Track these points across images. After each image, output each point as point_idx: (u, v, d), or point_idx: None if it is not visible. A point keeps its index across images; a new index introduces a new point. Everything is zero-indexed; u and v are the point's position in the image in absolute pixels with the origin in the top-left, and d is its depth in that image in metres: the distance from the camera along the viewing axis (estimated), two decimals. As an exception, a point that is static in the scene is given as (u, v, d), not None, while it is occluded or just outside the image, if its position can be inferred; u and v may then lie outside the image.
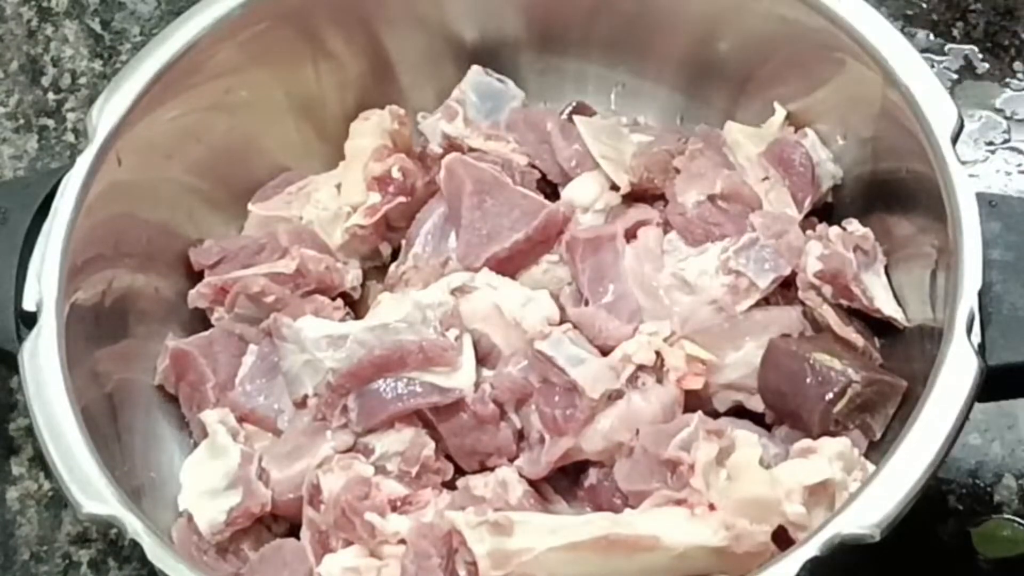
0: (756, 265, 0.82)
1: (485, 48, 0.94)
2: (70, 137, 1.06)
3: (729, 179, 0.86)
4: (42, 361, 0.78)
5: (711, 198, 0.86)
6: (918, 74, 0.79)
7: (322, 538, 0.78)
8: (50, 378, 0.78)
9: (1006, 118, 0.98)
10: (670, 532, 0.72)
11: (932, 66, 0.92)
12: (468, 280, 0.83)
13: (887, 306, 0.81)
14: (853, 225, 0.83)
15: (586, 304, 0.82)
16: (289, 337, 0.82)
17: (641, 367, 0.79)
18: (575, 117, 0.90)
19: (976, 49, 1.01)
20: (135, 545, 0.73)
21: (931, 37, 1.02)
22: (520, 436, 0.80)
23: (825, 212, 0.87)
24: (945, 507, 0.86)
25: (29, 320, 0.80)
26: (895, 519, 0.68)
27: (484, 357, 0.82)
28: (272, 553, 0.80)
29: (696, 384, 0.80)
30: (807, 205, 0.85)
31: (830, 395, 0.76)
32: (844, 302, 0.81)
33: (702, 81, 0.91)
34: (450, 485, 0.81)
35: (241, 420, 0.83)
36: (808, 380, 0.77)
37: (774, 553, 0.72)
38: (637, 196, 0.87)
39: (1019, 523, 0.85)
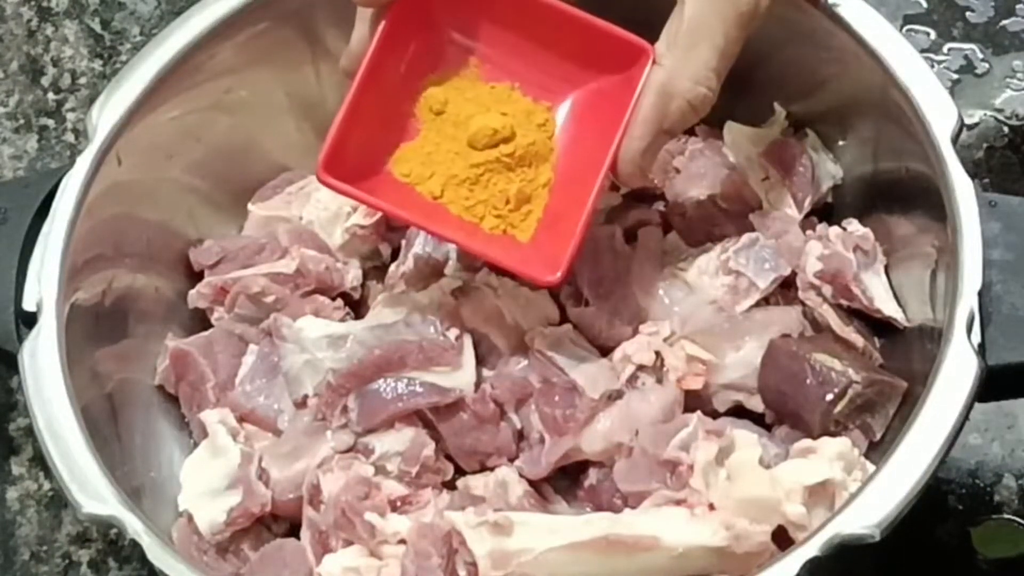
0: (756, 265, 0.82)
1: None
2: (70, 137, 1.06)
3: (729, 179, 0.86)
4: (42, 361, 0.78)
5: (711, 198, 0.86)
6: (918, 74, 0.79)
7: (322, 538, 0.78)
8: (50, 378, 0.78)
9: (1006, 118, 0.98)
10: (670, 532, 0.72)
11: (932, 66, 0.92)
12: (468, 280, 0.83)
13: (887, 306, 0.81)
14: (853, 225, 0.83)
15: (586, 304, 0.82)
16: (289, 337, 0.82)
17: (641, 367, 0.79)
18: (575, 117, 0.90)
19: (976, 49, 1.01)
20: (135, 545, 0.73)
21: (931, 37, 1.02)
22: (520, 436, 0.80)
23: (825, 212, 0.87)
24: (945, 507, 0.86)
25: (29, 320, 0.80)
26: (895, 519, 0.68)
27: (484, 357, 0.82)
28: (272, 553, 0.80)
29: (696, 384, 0.80)
30: (807, 205, 0.85)
31: (830, 395, 0.76)
32: (844, 302, 0.81)
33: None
34: (450, 485, 0.81)
35: (241, 420, 0.83)
36: (808, 380, 0.77)
37: (774, 553, 0.72)
38: (637, 196, 0.87)
39: (1019, 523, 0.85)
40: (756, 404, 0.80)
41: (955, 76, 1.00)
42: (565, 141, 0.80)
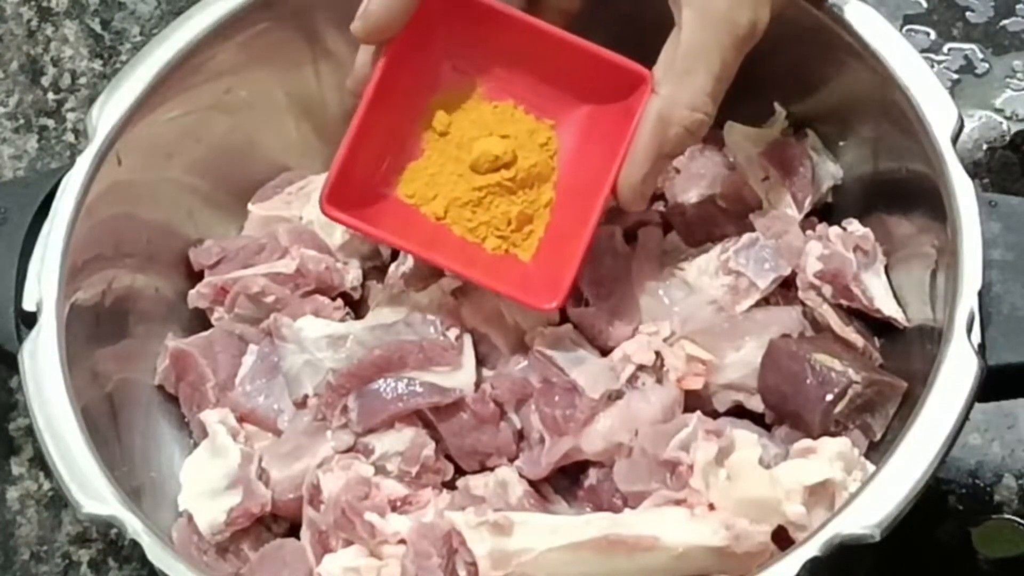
0: (756, 265, 0.82)
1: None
2: (70, 137, 1.06)
3: (729, 179, 0.86)
4: (42, 361, 0.78)
5: (711, 198, 0.86)
6: (918, 74, 0.79)
7: (322, 538, 0.78)
8: (50, 378, 0.78)
9: (1006, 118, 0.98)
10: (670, 532, 0.72)
11: (932, 66, 0.92)
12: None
13: (887, 306, 0.81)
14: (853, 225, 0.83)
15: (586, 304, 0.82)
16: (289, 337, 0.82)
17: (641, 367, 0.79)
18: (575, 117, 0.90)
19: (976, 49, 1.01)
20: (135, 545, 0.73)
21: (931, 37, 1.02)
22: (520, 436, 0.80)
23: (825, 212, 0.87)
24: (945, 507, 0.86)
25: (29, 320, 0.80)
26: (895, 519, 0.68)
27: (484, 357, 0.82)
28: (272, 553, 0.80)
29: (696, 384, 0.80)
30: (807, 205, 0.85)
31: (830, 396, 0.76)
32: (844, 302, 0.81)
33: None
34: (450, 485, 0.81)
35: (241, 420, 0.83)
36: (808, 381, 0.77)
37: (774, 553, 0.72)
38: (637, 196, 0.87)
39: (1019, 523, 0.85)
40: (756, 404, 0.80)
41: (955, 76, 1.00)
42: (566, 161, 0.81)
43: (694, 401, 0.80)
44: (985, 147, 0.97)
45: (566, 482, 0.81)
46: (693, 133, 0.77)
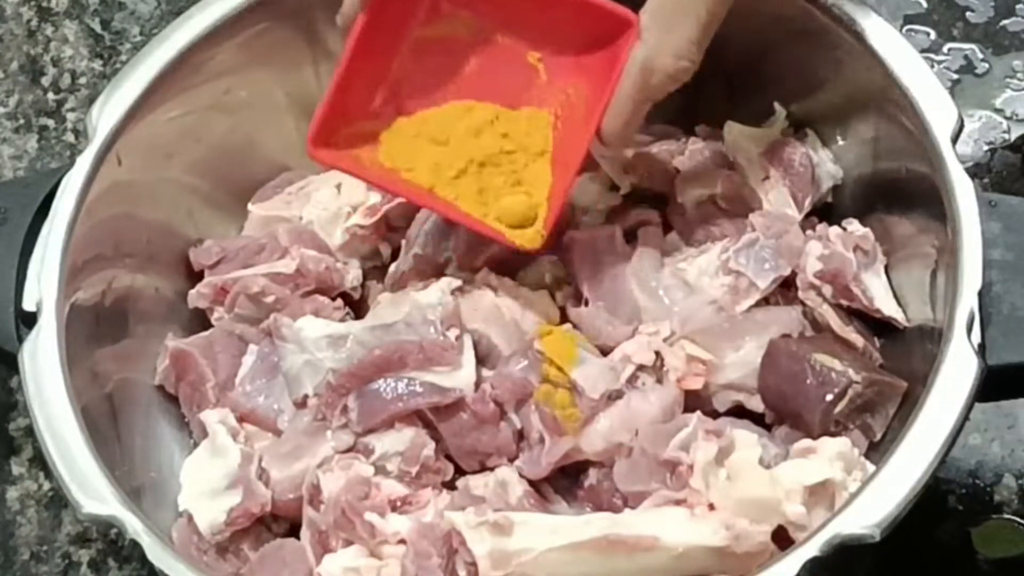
0: (756, 265, 0.82)
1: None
2: (70, 137, 1.06)
3: (729, 179, 0.86)
4: (42, 361, 0.78)
5: (711, 198, 0.86)
6: (918, 74, 0.79)
7: (322, 538, 0.78)
8: (50, 378, 0.78)
9: (1006, 118, 0.98)
10: (670, 532, 0.72)
11: (932, 66, 0.92)
12: (468, 280, 0.83)
13: (887, 306, 0.81)
14: (853, 225, 0.83)
15: (586, 304, 0.82)
16: (289, 337, 0.82)
17: (641, 367, 0.79)
18: (575, 117, 0.91)
19: (976, 49, 1.01)
20: (135, 545, 0.73)
21: (931, 37, 1.02)
22: (520, 436, 0.80)
23: (825, 212, 0.87)
24: (945, 507, 0.86)
25: (29, 320, 0.80)
26: (895, 519, 0.68)
27: (484, 357, 0.82)
28: (272, 553, 0.80)
29: (696, 384, 0.80)
30: (807, 205, 0.85)
31: (831, 395, 0.76)
32: (844, 302, 0.81)
33: (702, 81, 0.91)
34: (450, 485, 0.81)
35: (241, 420, 0.83)
36: (808, 380, 0.77)
37: (774, 553, 0.72)
38: (637, 196, 0.88)
39: (1019, 523, 0.85)
40: (756, 404, 0.80)
41: (955, 76, 1.00)
42: (556, 105, 0.82)
43: (694, 401, 0.80)
44: (985, 147, 0.97)
45: (566, 482, 0.81)
46: (676, 79, 0.77)
